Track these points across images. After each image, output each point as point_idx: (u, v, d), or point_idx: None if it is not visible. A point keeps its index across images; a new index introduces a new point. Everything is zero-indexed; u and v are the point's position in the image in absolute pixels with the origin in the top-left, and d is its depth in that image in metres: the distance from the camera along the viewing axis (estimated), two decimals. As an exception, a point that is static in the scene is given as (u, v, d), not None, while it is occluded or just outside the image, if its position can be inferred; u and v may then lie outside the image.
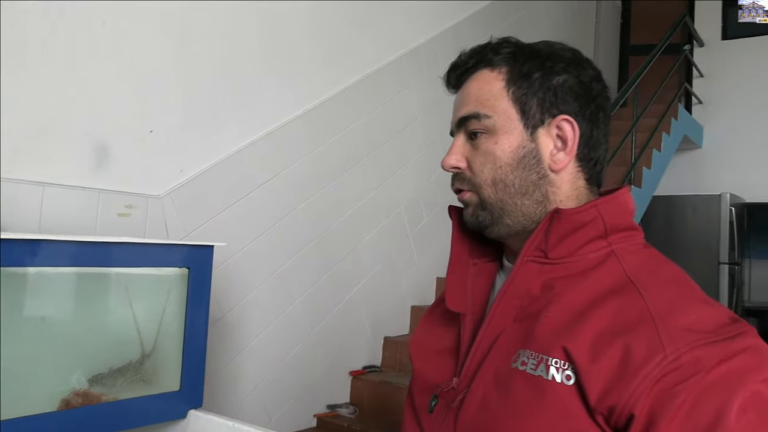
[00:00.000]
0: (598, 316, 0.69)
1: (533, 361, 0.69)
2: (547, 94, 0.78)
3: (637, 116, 4.09)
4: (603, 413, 0.64)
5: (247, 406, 2.38)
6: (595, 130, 0.80)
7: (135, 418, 1.32)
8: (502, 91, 0.79)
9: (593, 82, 0.80)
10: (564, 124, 0.78)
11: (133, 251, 1.33)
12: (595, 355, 0.66)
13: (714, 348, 0.63)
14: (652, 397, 0.62)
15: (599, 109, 0.80)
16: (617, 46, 6.50)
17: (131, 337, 1.33)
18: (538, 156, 0.78)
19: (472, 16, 3.71)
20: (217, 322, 2.23)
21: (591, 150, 0.80)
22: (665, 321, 0.65)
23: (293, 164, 2.56)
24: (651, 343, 0.64)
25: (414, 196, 3.26)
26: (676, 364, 0.62)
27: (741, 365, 0.62)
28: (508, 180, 0.78)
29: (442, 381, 0.81)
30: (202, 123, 2.19)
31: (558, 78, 0.78)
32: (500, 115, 0.79)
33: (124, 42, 1.93)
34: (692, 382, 0.61)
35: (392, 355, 3.04)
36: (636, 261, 0.75)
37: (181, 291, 1.41)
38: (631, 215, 0.80)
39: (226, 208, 2.26)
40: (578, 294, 0.72)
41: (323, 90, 2.71)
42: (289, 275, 2.55)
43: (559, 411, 0.66)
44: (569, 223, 0.75)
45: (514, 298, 0.76)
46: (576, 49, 0.83)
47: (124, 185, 1.93)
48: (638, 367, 0.63)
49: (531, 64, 0.79)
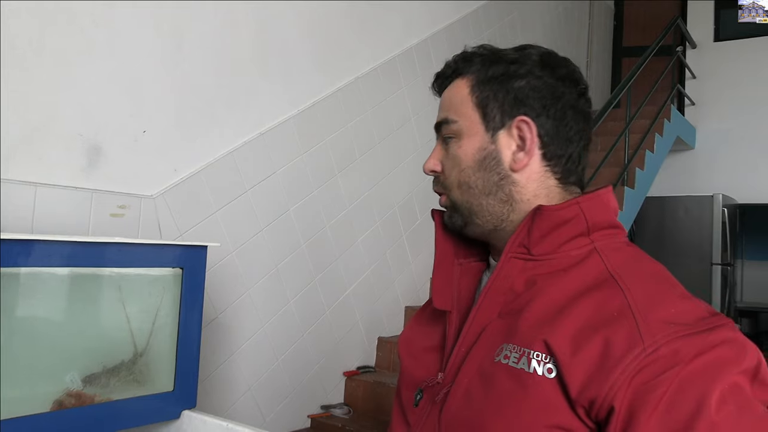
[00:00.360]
0: (579, 310, 0.70)
1: (515, 355, 0.70)
2: (507, 97, 0.80)
3: (630, 117, 4.10)
4: (584, 406, 0.65)
5: (241, 407, 2.37)
6: (562, 128, 0.80)
7: (128, 418, 1.32)
8: (467, 97, 0.82)
9: (561, 81, 0.81)
10: (522, 124, 0.80)
11: (126, 251, 1.33)
12: (575, 349, 0.67)
13: (692, 340, 0.64)
14: (632, 389, 0.63)
15: (568, 108, 0.81)
16: (610, 47, 6.52)
17: (124, 338, 1.33)
18: (498, 157, 0.80)
19: (466, 17, 3.72)
20: (211, 323, 2.23)
21: (559, 148, 0.81)
22: (644, 314, 0.66)
23: (287, 164, 2.56)
24: (630, 335, 0.65)
25: (408, 196, 3.26)
26: (654, 356, 0.63)
27: (719, 357, 0.63)
28: (471, 181, 0.81)
29: (428, 376, 0.82)
30: (195, 123, 2.18)
31: (520, 81, 0.80)
32: (465, 119, 0.82)
33: (116, 42, 1.92)
34: (671, 374, 0.62)
35: (386, 355, 3.04)
36: (618, 258, 0.76)
37: (175, 291, 1.41)
38: (614, 213, 0.81)
39: (219, 209, 2.26)
40: (560, 289, 0.73)
41: (317, 90, 2.71)
42: (283, 276, 2.54)
43: (540, 404, 0.67)
44: (551, 219, 0.76)
45: (499, 294, 0.78)
46: (551, 51, 0.85)
47: (117, 185, 1.93)
48: (617, 360, 0.64)
49: (494, 69, 0.82)
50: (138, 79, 1.99)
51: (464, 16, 3.70)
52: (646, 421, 0.61)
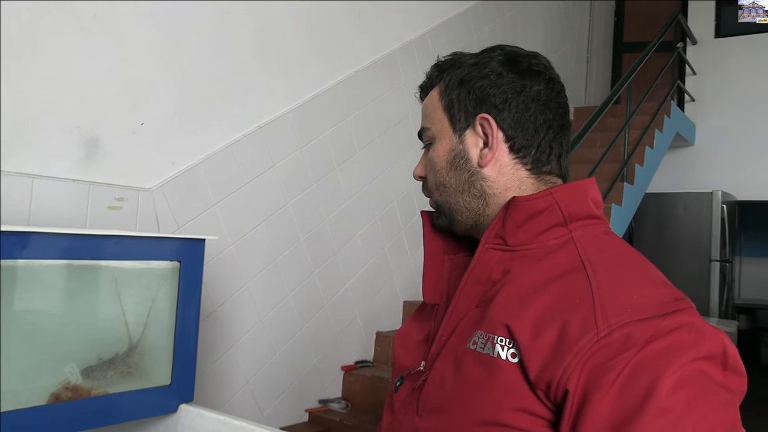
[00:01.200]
0: (544, 297, 0.71)
1: (482, 340, 0.73)
2: (468, 98, 0.84)
3: (630, 113, 4.09)
4: (542, 388, 0.66)
5: (239, 401, 2.37)
6: (527, 118, 0.82)
7: (125, 412, 1.32)
8: (437, 103, 0.88)
9: (522, 74, 0.83)
10: (482, 122, 0.83)
11: (123, 244, 1.32)
12: (535, 334, 0.68)
13: (645, 325, 0.64)
14: (585, 373, 0.64)
15: (530, 100, 0.82)
16: (611, 43, 6.51)
17: (120, 330, 1.32)
18: (466, 156, 0.84)
19: (465, 13, 3.71)
20: (209, 316, 2.22)
21: (525, 139, 0.82)
22: (604, 300, 0.67)
23: (286, 158, 2.55)
24: (586, 320, 0.66)
25: (407, 191, 3.25)
26: (607, 340, 0.64)
27: (674, 342, 0.63)
28: (446, 182, 0.86)
29: (413, 365, 0.86)
30: (194, 116, 2.18)
31: (481, 81, 0.83)
32: (436, 124, 0.88)
33: (114, 34, 1.91)
34: (624, 358, 0.63)
35: (384, 350, 3.04)
36: (593, 246, 0.76)
37: (173, 285, 1.41)
38: (593, 204, 0.81)
39: (218, 202, 2.25)
40: (530, 276, 0.75)
41: (316, 84, 2.70)
42: (282, 270, 2.54)
43: (504, 387, 0.69)
44: (524, 210, 0.78)
45: (477, 284, 0.80)
46: (517, 50, 0.86)
47: (115, 178, 1.92)
48: (572, 344, 0.65)
49: (457, 72, 0.86)
50: (137, 72, 1.98)
51: (464, 11, 3.69)
52: (598, 404, 0.62)
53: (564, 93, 0.86)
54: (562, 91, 0.86)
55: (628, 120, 4.05)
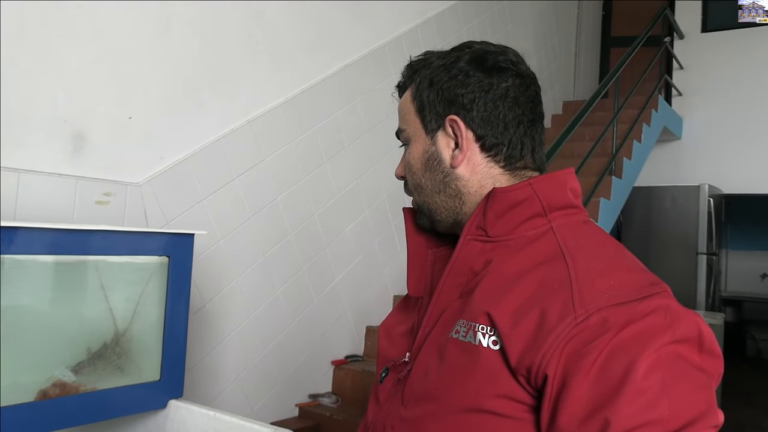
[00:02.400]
0: (524, 285, 0.72)
1: (464, 329, 0.74)
2: (438, 99, 0.84)
3: (618, 107, 4.11)
4: (523, 374, 0.68)
5: (228, 396, 2.37)
6: (495, 117, 0.82)
7: (114, 408, 1.31)
8: (410, 105, 0.87)
9: (488, 72, 0.82)
10: (452, 123, 0.83)
11: (111, 239, 1.31)
12: (516, 321, 0.70)
13: (621, 309, 0.65)
14: (564, 357, 0.65)
15: (498, 98, 0.82)
16: (599, 37, 6.53)
17: (108, 325, 1.31)
18: (439, 157, 0.84)
19: (455, 6, 3.71)
20: (198, 312, 2.21)
21: (495, 137, 0.82)
22: (581, 286, 0.69)
23: (275, 152, 2.54)
24: (564, 306, 0.67)
25: (396, 185, 3.25)
26: (584, 324, 0.65)
27: (650, 325, 0.65)
28: (423, 183, 0.87)
29: (398, 356, 0.87)
30: (182, 110, 2.16)
31: (449, 82, 0.83)
32: (411, 126, 0.87)
33: (101, 25, 1.89)
34: (601, 342, 0.64)
35: (375, 344, 3.04)
36: (572, 235, 0.78)
37: (161, 280, 1.40)
38: (572, 194, 0.82)
39: (207, 196, 2.24)
40: (511, 266, 0.76)
41: (306, 77, 2.69)
42: (271, 264, 2.53)
43: (486, 374, 0.70)
44: (503, 201, 0.79)
45: (459, 275, 0.81)
46: (486, 47, 0.85)
47: (102, 172, 1.90)
48: (550, 330, 0.66)
49: (426, 73, 0.85)
50: (124, 65, 1.96)
51: (453, 5, 3.69)
52: (577, 387, 0.63)
53: (534, 86, 0.86)
54: (532, 84, 0.86)
55: (616, 114, 4.06)
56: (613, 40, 6.55)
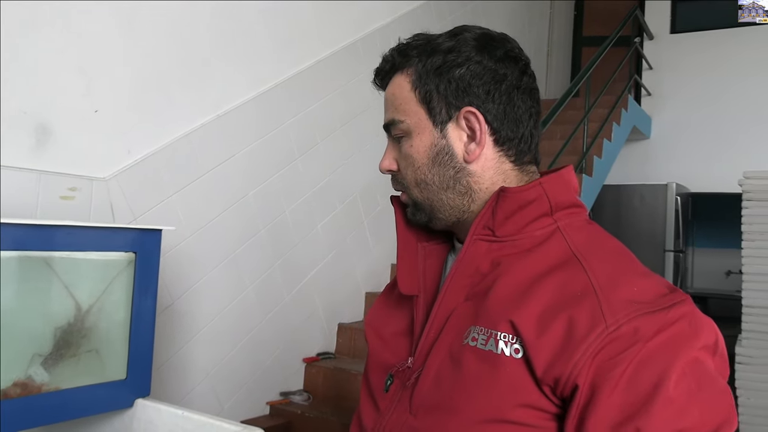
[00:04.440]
0: (543, 290, 0.70)
1: (483, 337, 0.71)
2: (449, 88, 0.78)
3: (589, 106, 4.16)
4: (549, 384, 0.66)
5: (198, 395, 2.33)
6: (510, 109, 0.79)
7: (79, 407, 1.28)
8: (410, 93, 0.81)
9: (501, 62, 0.79)
10: (469, 115, 0.78)
11: (76, 235, 1.28)
12: (541, 329, 0.68)
13: (652, 318, 0.65)
14: (594, 367, 0.64)
15: (512, 88, 0.79)
16: (570, 36, 6.60)
17: (72, 324, 1.28)
18: (451, 151, 0.79)
19: (428, 3, 3.71)
20: (167, 309, 2.18)
21: (510, 130, 0.80)
22: (607, 293, 0.67)
23: (246, 148, 2.51)
24: (593, 314, 0.66)
25: (369, 182, 3.24)
26: (616, 334, 0.64)
27: (678, 333, 0.65)
28: (428, 179, 0.81)
29: (398, 361, 0.82)
30: (150, 103, 2.12)
31: (459, 69, 0.78)
32: (411, 117, 0.81)
33: (67, 15, 1.84)
34: (632, 352, 0.63)
35: (346, 341, 3.03)
36: (580, 237, 0.76)
37: (128, 276, 1.37)
38: (575, 192, 0.81)
39: (176, 192, 2.20)
40: (524, 269, 0.74)
41: (277, 73, 2.66)
42: (242, 261, 2.50)
43: (509, 383, 0.68)
44: (515, 201, 0.76)
45: (465, 276, 0.78)
46: (486, 31, 0.82)
47: (67, 167, 1.86)
48: (581, 339, 0.65)
49: (432, 60, 0.80)
50: (90, 56, 1.91)
51: (426, 2, 3.69)
52: (607, 398, 0.63)
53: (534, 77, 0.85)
54: (533, 76, 0.84)
55: (587, 113, 4.10)
56: (584, 39, 6.62)
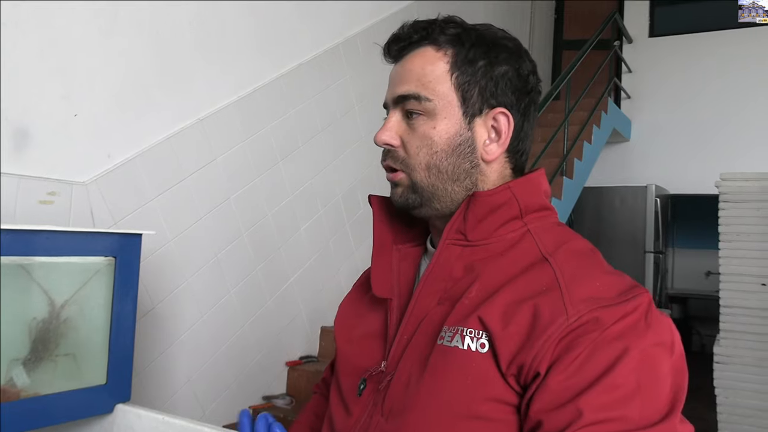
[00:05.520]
0: (512, 288, 0.72)
1: (449, 334, 0.72)
2: (488, 84, 0.78)
3: (569, 109, 4.20)
4: (513, 373, 0.67)
5: (180, 400, 2.32)
6: (526, 123, 0.82)
7: (57, 413, 1.27)
8: (445, 75, 0.78)
9: (530, 75, 0.81)
10: (500, 116, 0.79)
11: (55, 239, 1.27)
12: (506, 321, 0.69)
13: (612, 309, 0.67)
14: (555, 356, 0.66)
15: (531, 103, 0.82)
16: (551, 40, 6.65)
17: (52, 329, 1.27)
18: (473, 145, 0.79)
19: (409, 7, 3.72)
20: (148, 314, 2.16)
21: (520, 142, 0.82)
22: (570, 288, 0.69)
23: (228, 151, 2.50)
24: (556, 306, 0.68)
25: (351, 185, 3.25)
26: (576, 324, 0.66)
27: (633, 324, 0.66)
28: (442, 166, 0.78)
29: (371, 365, 0.81)
30: (131, 107, 2.11)
31: (500, 68, 0.78)
32: (441, 99, 0.77)
33: (47, 18, 1.83)
34: (589, 338, 0.65)
35: (329, 344, 3.03)
36: (549, 238, 0.78)
37: (108, 281, 1.36)
38: (545, 196, 0.82)
39: (157, 196, 2.19)
40: (496, 272, 0.75)
41: (258, 76, 2.66)
42: (224, 265, 2.49)
43: (476, 378, 0.69)
44: (485, 205, 0.77)
45: (438, 281, 0.78)
46: (516, 39, 0.84)
47: (46, 171, 1.84)
48: (543, 329, 0.67)
49: (476, 50, 0.78)
50: (69, 59, 1.90)
51: (407, 6, 3.70)
52: (554, 379, 0.64)
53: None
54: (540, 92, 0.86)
55: (567, 115, 4.15)
56: (565, 43, 6.67)
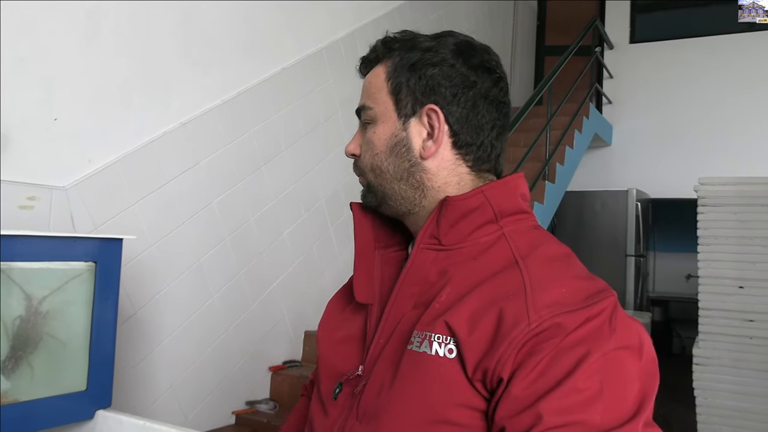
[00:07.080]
0: (481, 292, 0.72)
1: (418, 339, 0.73)
2: (418, 84, 0.81)
3: (551, 114, 4.23)
4: (479, 378, 0.68)
5: (162, 405, 2.30)
6: (473, 116, 0.81)
7: (38, 420, 1.26)
8: (383, 84, 0.83)
9: (474, 70, 0.82)
10: (430, 113, 0.80)
11: (35, 245, 1.27)
12: (472, 326, 0.70)
13: (574, 315, 0.67)
14: (517, 362, 0.66)
15: (479, 97, 0.81)
16: (533, 46, 6.71)
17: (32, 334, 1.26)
18: (408, 144, 0.81)
19: (392, 12, 3.74)
20: (130, 319, 2.15)
21: (470, 136, 0.81)
22: (535, 293, 0.69)
23: (210, 156, 2.49)
24: (519, 311, 0.68)
25: (335, 189, 3.25)
26: (538, 329, 0.66)
27: (596, 327, 0.67)
28: (383, 166, 0.83)
29: (349, 369, 0.82)
30: (112, 111, 2.10)
31: (432, 69, 0.80)
32: (380, 105, 0.83)
33: (22, 21, 1.82)
34: (551, 343, 0.65)
35: (313, 349, 3.03)
36: (524, 241, 0.78)
37: (88, 286, 1.35)
38: (522, 199, 0.83)
39: (138, 201, 2.18)
40: (468, 276, 0.75)
41: (241, 80, 2.66)
42: (206, 270, 2.48)
43: (444, 384, 0.69)
44: (457, 209, 0.78)
45: (413, 285, 0.79)
46: (469, 39, 0.85)
47: (26, 176, 1.83)
48: (506, 333, 0.67)
49: (409, 56, 0.82)
50: (48, 63, 1.89)
51: (390, 11, 3.72)
52: (517, 385, 0.65)
53: (509, 93, 0.87)
54: (508, 92, 0.86)
55: (549, 120, 4.18)
56: (547, 48, 6.73)
